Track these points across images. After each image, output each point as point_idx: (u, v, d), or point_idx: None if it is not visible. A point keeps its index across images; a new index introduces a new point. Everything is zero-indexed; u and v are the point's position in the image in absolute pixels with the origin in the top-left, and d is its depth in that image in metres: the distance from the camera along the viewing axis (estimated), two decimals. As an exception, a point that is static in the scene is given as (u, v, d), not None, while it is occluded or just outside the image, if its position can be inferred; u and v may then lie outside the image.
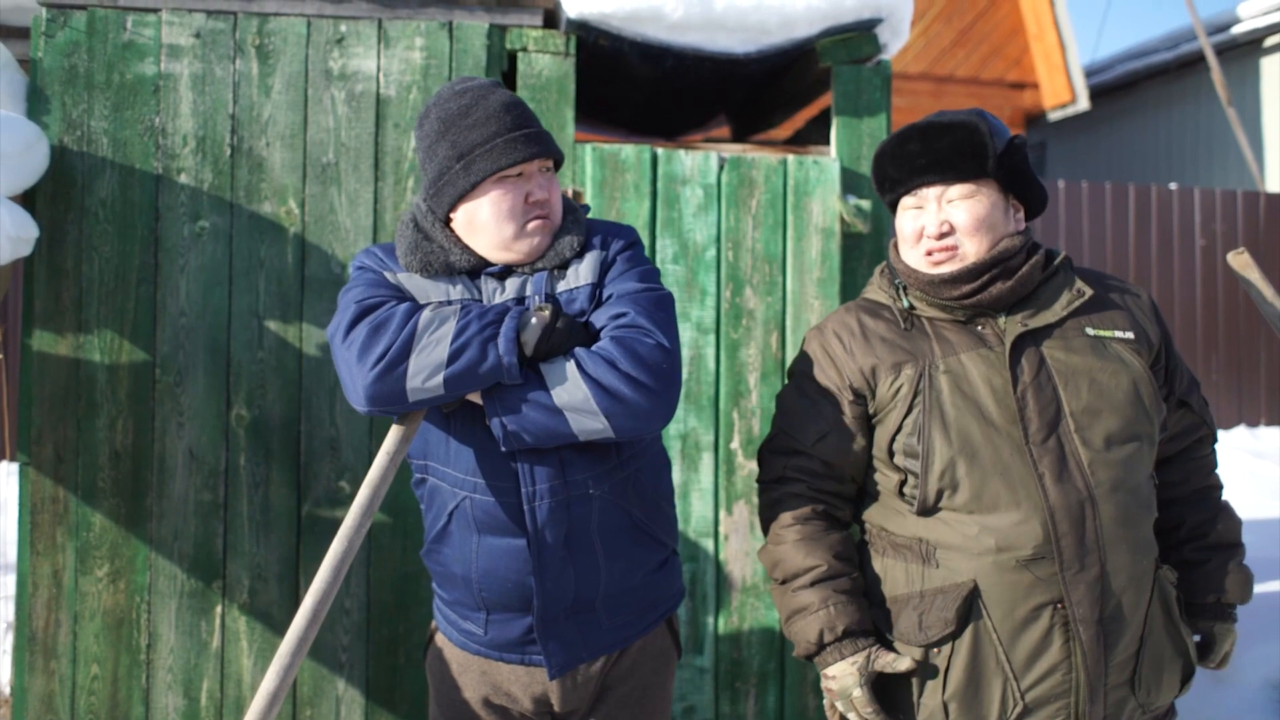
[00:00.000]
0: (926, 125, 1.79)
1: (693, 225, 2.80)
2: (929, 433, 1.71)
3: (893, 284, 1.86)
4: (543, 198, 1.71)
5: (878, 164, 1.85)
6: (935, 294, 1.77)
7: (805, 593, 1.75)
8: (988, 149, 1.74)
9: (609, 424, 1.60)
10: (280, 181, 2.66)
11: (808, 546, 1.77)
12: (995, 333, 1.76)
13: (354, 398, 1.64)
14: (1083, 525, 1.66)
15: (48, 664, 2.57)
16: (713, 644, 2.79)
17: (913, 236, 1.80)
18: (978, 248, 1.75)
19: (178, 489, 2.60)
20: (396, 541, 2.67)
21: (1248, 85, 9.65)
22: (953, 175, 1.75)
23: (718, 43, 2.84)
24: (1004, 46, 10.04)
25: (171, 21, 2.63)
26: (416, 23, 2.71)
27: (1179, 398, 1.86)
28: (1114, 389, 1.73)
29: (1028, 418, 1.69)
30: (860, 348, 1.79)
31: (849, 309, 1.88)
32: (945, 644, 1.70)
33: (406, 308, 1.66)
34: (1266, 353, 7.94)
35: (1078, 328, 1.77)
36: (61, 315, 2.58)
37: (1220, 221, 7.89)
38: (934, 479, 1.70)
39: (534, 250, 1.73)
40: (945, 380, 1.73)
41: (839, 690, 1.74)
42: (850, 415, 1.79)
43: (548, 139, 1.73)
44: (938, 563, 1.71)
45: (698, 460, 2.78)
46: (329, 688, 2.66)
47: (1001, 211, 1.78)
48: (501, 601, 1.73)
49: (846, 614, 1.73)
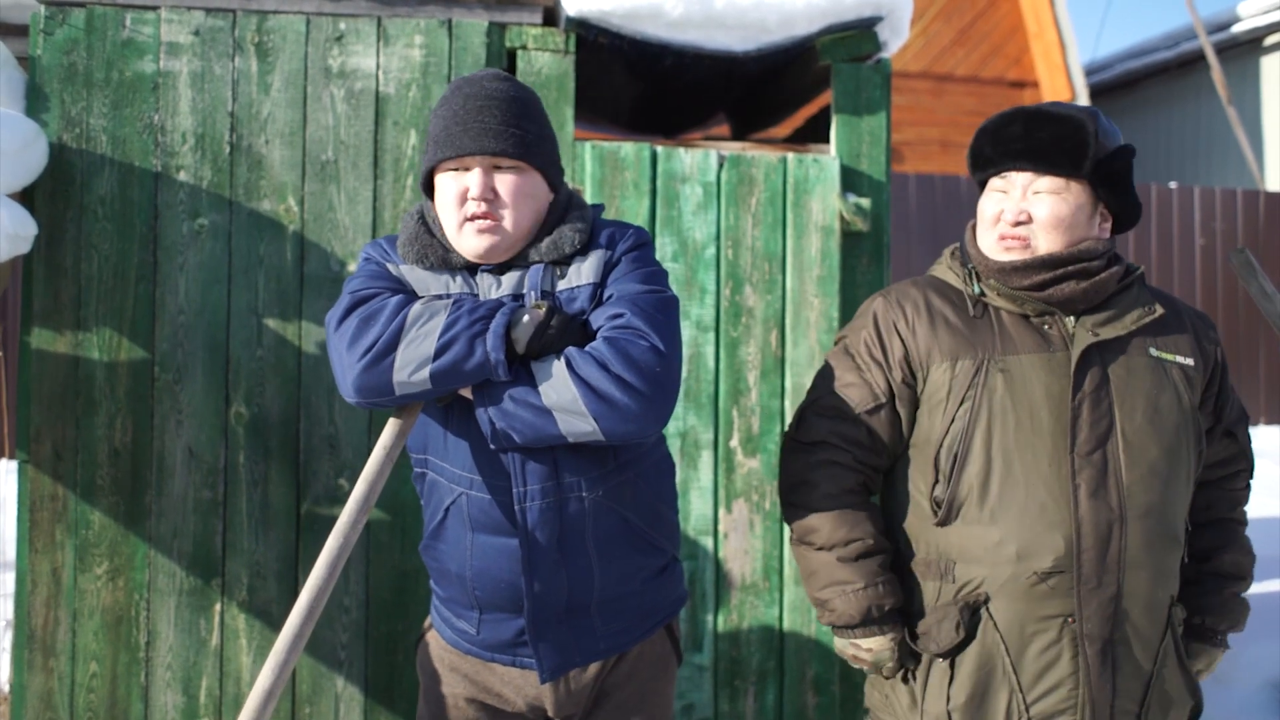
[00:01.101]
0: (1035, 111, 1.74)
1: (692, 223, 2.80)
2: (971, 433, 1.68)
3: (965, 266, 1.81)
4: (476, 195, 1.64)
5: (977, 140, 1.80)
6: (1006, 281, 1.72)
7: (848, 567, 1.72)
8: (1088, 149, 1.69)
9: (597, 426, 1.56)
10: (279, 179, 2.65)
11: (853, 517, 1.74)
12: (1062, 334, 1.72)
13: (343, 388, 1.63)
14: (1108, 544, 1.63)
15: (47, 662, 2.57)
16: (712, 642, 2.79)
17: (991, 219, 1.76)
18: (1049, 244, 1.71)
19: (177, 487, 2.60)
20: (395, 539, 2.67)
21: (1247, 84, 9.65)
22: (1045, 166, 1.70)
23: (717, 40, 2.84)
24: (1004, 45, 10.03)
25: (171, 19, 2.63)
26: (416, 20, 2.71)
27: (1226, 427, 1.84)
28: (1167, 417, 1.70)
29: (1079, 427, 1.66)
30: (924, 328, 1.75)
31: (916, 284, 1.83)
32: (954, 654, 1.69)
33: (398, 300, 1.63)
34: (1266, 352, 7.94)
35: (1142, 347, 1.73)
36: (60, 313, 2.58)
37: (1220, 220, 7.89)
38: (965, 483, 1.68)
39: (476, 252, 1.67)
40: (1000, 380, 1.69)
41: (873, 660, 1.75)
42: (900, 395, 1.75)
43: (510, 138, 1.65)
44: (954, 577, 1.70)
45: (697, 458, 2.78)
46: (328, 685, 2.66)
47: (1086, 215, 1.73)
48: (495, 601, 1.71)
49: (893, 593, 1.72)
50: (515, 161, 1.66)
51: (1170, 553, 1.71)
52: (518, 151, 1.65)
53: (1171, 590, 1.72)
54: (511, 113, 1.67)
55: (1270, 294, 2.07)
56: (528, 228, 1.69)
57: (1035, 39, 9.93)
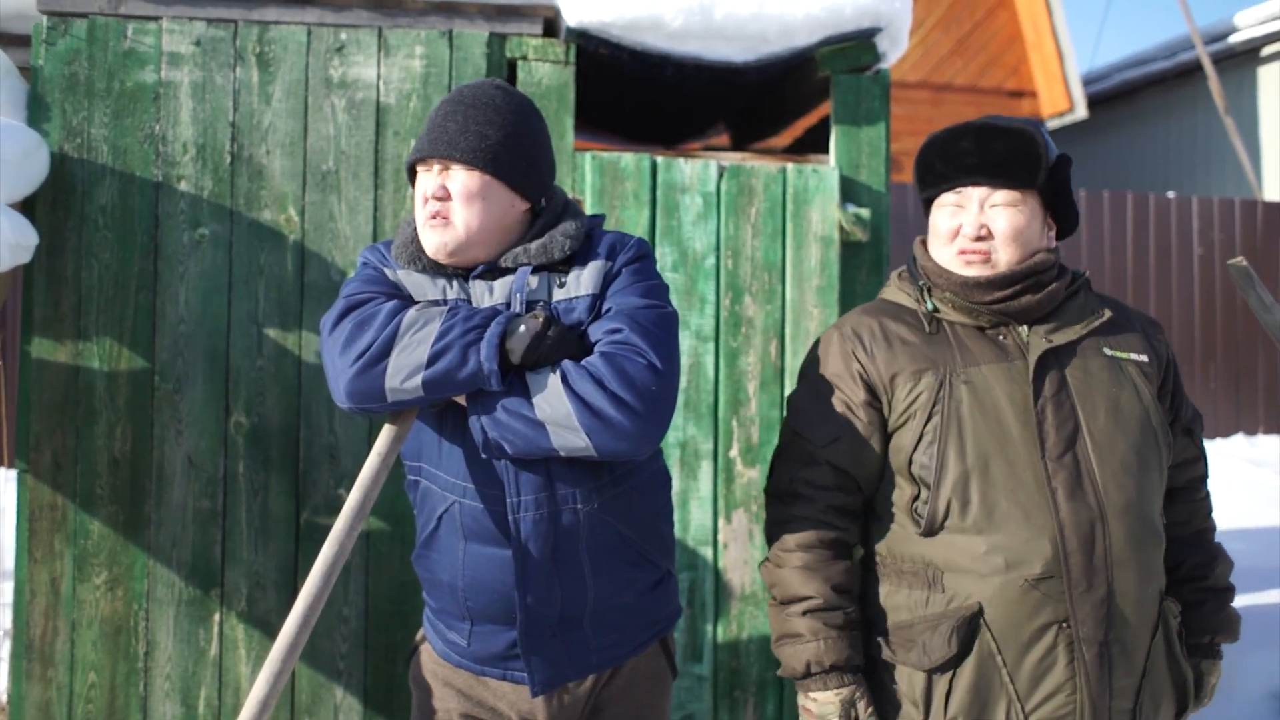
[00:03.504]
0: (982, 125, 1.77)
1: (692, 233, 2.80)
2: (944, 446, 1.69)
3: (916, 285, 1.83)
4: (429, 195, 1.66)
5: (924, 156, 1.82)
6: (966, 296, 1.75)
7: (798, 621, 1.74)
8: (1041, 161, 1.73)
9: (590, 442, 1.55)
10: (280, 189, 2.66)
11: (807, 575, 1.74)
12: (1017, 344, 1.74)
13: (336, 393, 1.62)
14: (1092, 544, 1.65)
15: (45, 672, 2.56)
16: (711, 652, 2.78)
17: (948, 234, 1.77)
18: (1010, 257, 1.74)
19: (176, 496, 2.59)
20: (395, 549, 2.67)
21: (1245, 94, 9.68)
22: (1001, 180, 1.73)
23: (717, 51, 2.85)
24: (1002, 55, 10.06)
25: (172, 30, 2.64)
26: (417, 31, 2.72)
27: (1184, 425, 1.87)
28: (1129, 413, 1.73)
29: (1045, 432, 1.68)
30: (882, 351, 1.77)
31: (868, 310, 1.85)
32: (949, 669, 1.68)
33: (392, 306, 1.63)
34: (1265, 361, 7.94)
35: (1096, 348, 1.77)
36: (61, 322, 2.58)
37: (1218, 230, 7.91)
38: (945, 494, 1.69)
39: (432, 251, 1.68)
40: (965, 391, 1.71)
41: (817, 714, 1.74)
42: (865, 420, 1.76)
43: (464, 144, 1.66)
44: (943, 587, 1.70)
45: (696, 468, 2.78)
46: (327, 695, 2.65)
47: (1039, 226, 1.77)
48: (487, 613, 1.69)
49: (835, 650, 1.72)
50: (467, 166, 1.67)
51: (1154, 547, 1.72)
52: (466, 157, 1.66)
53: (1159, 585, 1.74)
54: (475, 119, 1.68)
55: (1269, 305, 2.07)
56: (484, 231, 1.68)
57: (1033, 49, 9.96)
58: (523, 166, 1.72)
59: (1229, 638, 1.88)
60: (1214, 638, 1.86)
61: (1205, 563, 1.87)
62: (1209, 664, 1.87)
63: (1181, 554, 1.86)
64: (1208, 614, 1.85)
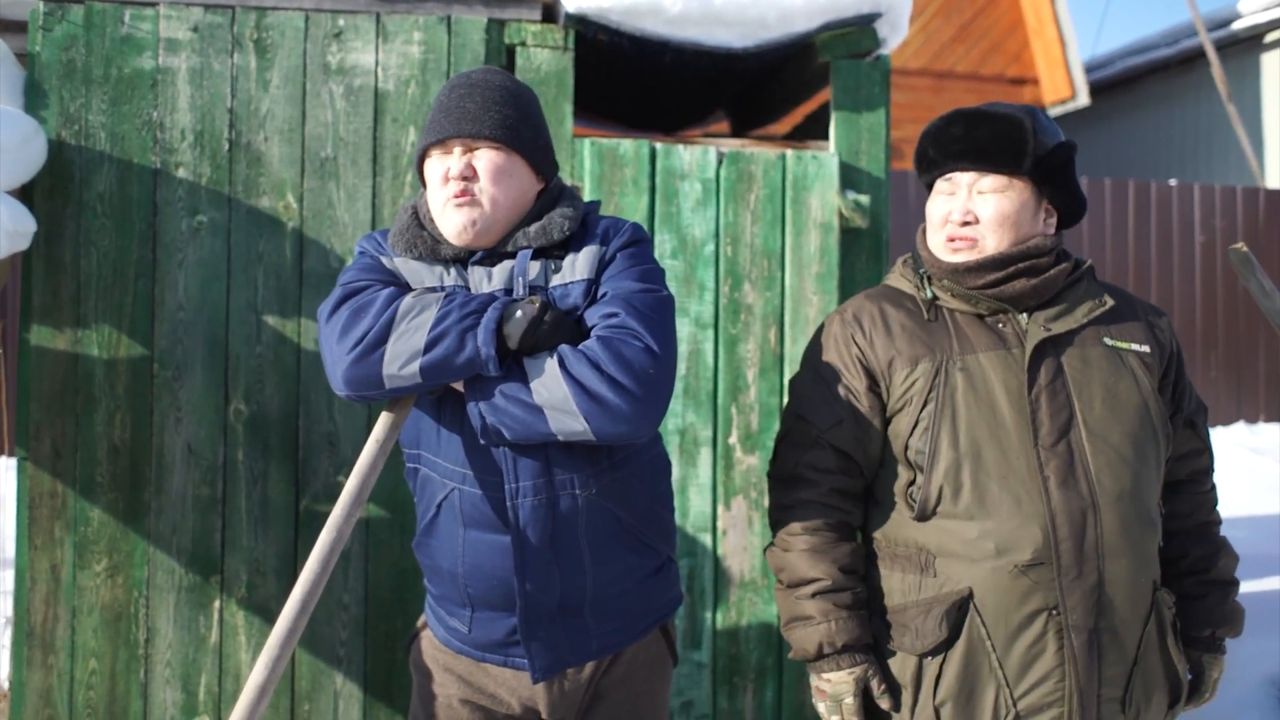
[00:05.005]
0: (974, 111, 1.78)
1: (691, 220, 2.80)
2: (937, 432, 1.70)
3: (917, 273, 1.84)
4: (455, 174, 1.66)
5: (921, 143, 1.83)
6: (958, 281, 1.75)
7: (808, 603, 1.74)
8: (1027, 145, 1.72)
9: (588, 426, 1.55)
10: (278, 176, 2.65)
11: (814, 557, 1.75)
12: (1015, 332, 1.75)
13: (333, 380, 1.63)
14: (1083, 531, 1.65)
15: (46, 659, 2.57)
16: (710, 639, 2.79)
17: (939, 220, 1.78)
18: (997, 242, 1.74)
19: (176, 484, 2.60)
20: (395, 536, 2.67)
21: (1248, 81, 9.64)
22: (986, 165, 1.73)
23: (716, 37, 2.84)
24: (1004, 42, 10.02)
25: (169, 16, 2.63)
26: (415, 17, 2.71)
27: (1187, 417, 1.86)
28: (1126, 403, 1.72)
29: (1039, 420, 1.69)
30: (881, 337, 1.78)
31: (871, 295, 1.86)
32: (939, 652, 1.69)
33: (389, 293, 1.63)
34: (1266, 349, 7.93)
35: (1096, 337, 1.77)
36: (59, 310, 2.58)
37: (1220, 218, 7.88)
38: (937, 480, 1.69)
39: (457, 230, 1.67)
40: (961, 378, 1.71)
41: (831, 694, 1.75)
42: (866, 404, 1.77)
43: (489, 121, 1.67)
44: (935, 571, 1.71)
45: (696, 455, 2.78)
46: (327, 682, 2.66)
47: (1031, 212, 1.76)
48: (487, 599, 1.70)
49: (847, 630, 1.73)
50: (494, 143, 1.68)
51: (1148, 537, 1.72)
52: (495, 134, 1.67)
53: (1153, 575, 1.74)
54: (493, 99, 1.69)
55: (1269, 291, 2.07)
56: (508, 209, 1.69)
57: (1035, 35, 9.92)
58: (541, 145, 1.75)
59: (1231, 632, 1.87)
60: (1215, 631, 1.85)
61: (1208, 555, 1.86)
62: (1210, 658, 1.87)
63: (1185, 546, 1.86)
64: (1210, 607, 1.85)
